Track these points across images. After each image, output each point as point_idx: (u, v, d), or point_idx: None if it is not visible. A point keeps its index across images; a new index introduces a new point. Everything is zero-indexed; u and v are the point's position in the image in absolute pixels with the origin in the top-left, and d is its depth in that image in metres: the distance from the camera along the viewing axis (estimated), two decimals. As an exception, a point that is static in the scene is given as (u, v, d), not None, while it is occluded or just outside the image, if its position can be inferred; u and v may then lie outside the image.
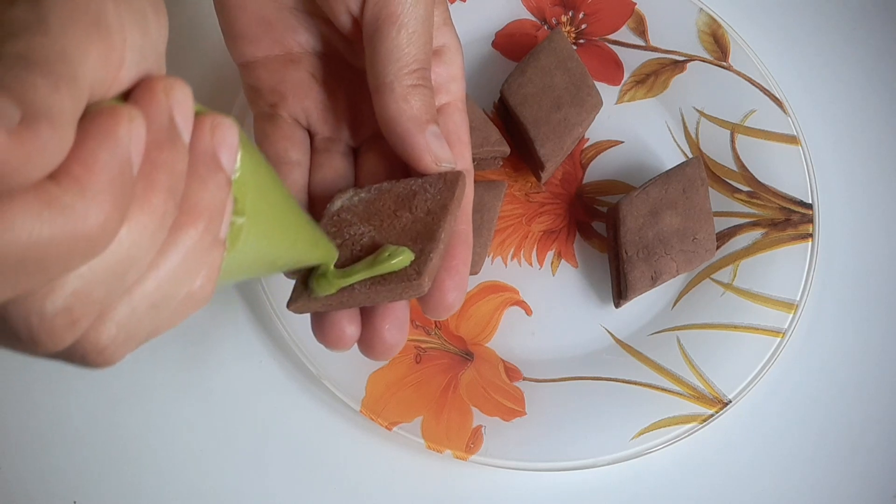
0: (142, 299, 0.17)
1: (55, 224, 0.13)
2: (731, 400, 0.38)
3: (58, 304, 0.15)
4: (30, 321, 0.15)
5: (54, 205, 0.13)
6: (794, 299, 0.39)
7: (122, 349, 0.17)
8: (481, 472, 0.38)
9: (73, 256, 0.14)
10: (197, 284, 0.18)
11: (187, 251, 0.17)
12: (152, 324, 0.18)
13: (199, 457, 0.39)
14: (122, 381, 0.40)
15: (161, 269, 0.17)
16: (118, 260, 0.15)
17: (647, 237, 0.39)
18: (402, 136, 0.27)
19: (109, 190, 0.14)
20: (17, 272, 0.13)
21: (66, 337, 0.15)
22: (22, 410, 0.40)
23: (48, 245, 0.13)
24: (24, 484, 0.39)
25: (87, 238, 0.14)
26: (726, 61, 0.44)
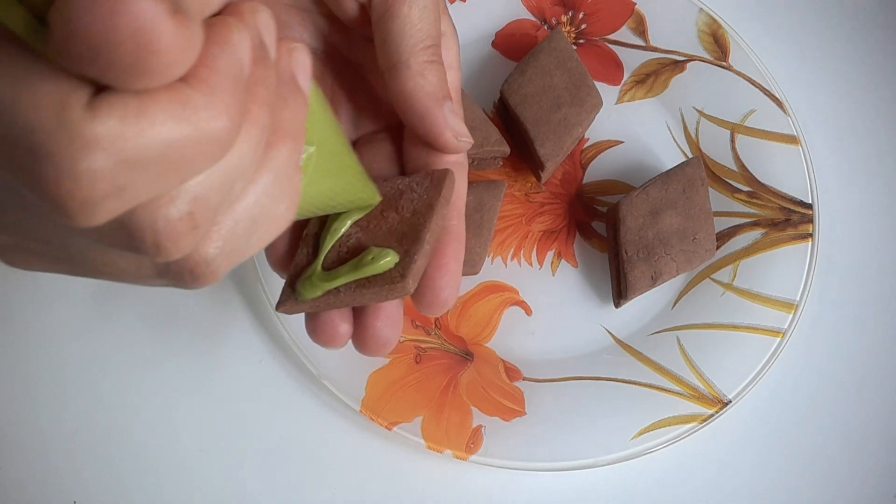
0: (243, 213, 0.17)
1: (189, 125, 0.14)
2: (731, 400, 0.38)
3: (182, 208, 0.15)
4: (156, 225, 0.15)
5: (188, 104, 0.14)
6: (794, 299, 0.39)
7: (225, 264, 0.17)
8: (481, 472, 0.38)
9: (201, 159, 0.14)
10: (282, 208, 0.18)
11: (278, 170, 0.17)
12: (249, 241, 0.18)
13: (199, 457, 0.39)
14: (122, 381, 0.40)
15: (259, 184, 0.17)
16: (230, 168, 0.16)
17: (647, 237, 0.39)
18: (420, 113, 0.26)
19: (233, 94, 0.14)
20: (156, 171, 0.14)
21: (186, 243, 0.16)
22: (22, 410, 0.40)
23: (183, 146, 0.14)
24: (24, 484, 0.39)
25: (215, 140, 0.14)
26: (726, 61, 0.44)
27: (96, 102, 0.13)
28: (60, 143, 0.12)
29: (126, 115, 0.13)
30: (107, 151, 0.13)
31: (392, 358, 0.39)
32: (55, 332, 0.41)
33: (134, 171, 0.13)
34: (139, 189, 0.14)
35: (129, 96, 0.13)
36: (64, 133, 0.12)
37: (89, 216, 0.13)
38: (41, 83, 0.13)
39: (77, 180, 0.13)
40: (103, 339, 0.41)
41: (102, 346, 0.41)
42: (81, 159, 0.13)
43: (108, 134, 0.13)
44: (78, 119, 0.13)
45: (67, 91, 0.13)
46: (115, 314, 0.42)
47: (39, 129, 0.12)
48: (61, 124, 0.12)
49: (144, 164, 0.13)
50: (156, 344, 0.41)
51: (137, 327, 0.41)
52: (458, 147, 0.27)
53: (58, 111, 0.13)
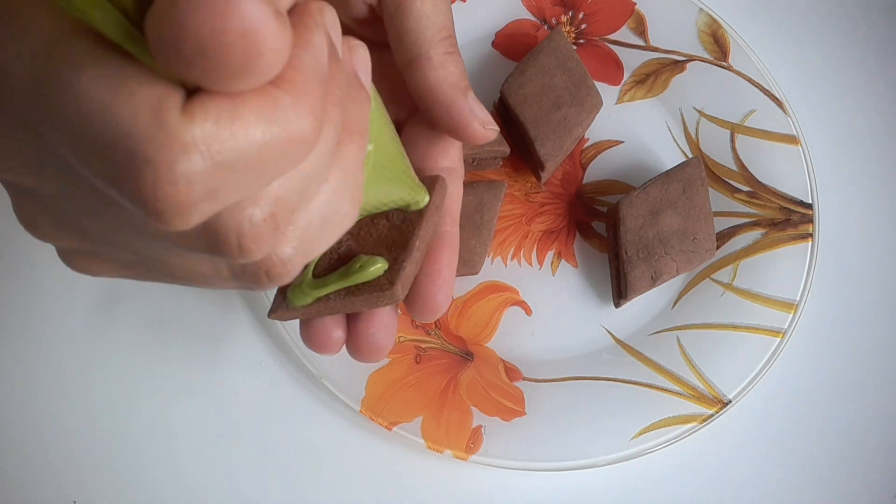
0: (316, 212, 0.17)
1: (279, 126, 0.14)
2: (731, 400, 0.38)
3: (266, 209, 0.15)
4: (241, 228, 0.15)
5: (278, 106, 0.14)
6: (794, 299, 0.39)
7: (300, 263, 0.18)
8: (481, 472, 0.38)
9: (288, 160, 0.14)
10: (348, 206, 0.18)
11: (346, 168, 0.17)
12: (321, 239, 0.18)
13: (199, 457, 0.39)
14: (122, 382, 0.40)
15: (330, 183, 0.17)
16: (309, 168, 0.16)
17: (647, 237, 0.39)
18: (446, 104, 0.26)
19: (317, 95, 0.15)
20: (247, 173, 0.14)
21: (269, 244, 0.16)
22: (22, 410, 0.40)
23: (273, 147, 0.14)
24: (24, 484, 0.39)
25: (303, 141, 0.14)
26: (726, 61, 0.44)
27: (191, 106, 0.13)
28: (158, 147, 0.12)
29: (221, 117, 0.13)
30: (203, 154, 0.13)
31: (392, 358, 0.39)
32: (55, 333, 0.41)
33: (227, 174, 0.13)
34: (231, 191, 0.14)
35: (223, 99, 0.13)
36: (162, 137, 0.12)
37: (184, 219, 0.13)
38: (137, 87, 0.13)
39: (175, 184, 0.13)
40: (104, 340, 0.41)
41: (103, 347, 0.41)
42: (179, 163, 0.13)
43: (204, 137, 0.13)
44: (175, 122, 0.13)
45: (163, 95, 0.13)
46: (116, 316, 0.42)
47: (137, 134, 0.12)
48: (159, 128, 0.12)
49: (237, 166, 0.13)
50: (156, 345, 0.41)
51: (138, 328, 0.41)
52: (485, 136, 0.27)
53: (155, 115, 0.12)
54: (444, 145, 0.29)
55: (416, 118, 0.30)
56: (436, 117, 0.27)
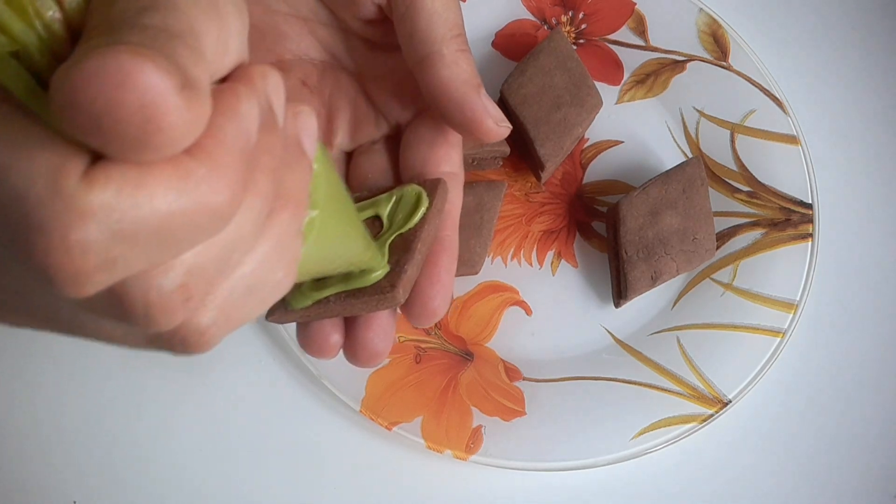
0: (239, 282, 0.17)
1: (189, 198, 0.13)
2: (731, 400, 0.38)
3: (176, 280, 0.15)
4: (148, 297, 0.14)
5: (190, 178, 0.13)
6: (794, 299, 0.39)
7: (220, 333, 0.17)
8: (481, 472, 0.38)
9: (200, 231, 0.14)
10: (280, 275, 0.18)
11: (278, 237, 0.17)
12: (244, 309, 0.18)
13: (199, 457, 0.39)
14: (122, 382, 0.40)
15: (257, 252, 0.17)
16: (229, 239, 0.15)
17: (647, 237, 0.39)
18: (459, 101, 0.26)
19: (238, 166, 0.14)
20: (150, 244, 0.13)
21: (179, 315, 0.15)
22: (22, 410, 0.40)
23: (181, 219, 0.13)
24: (24, 484, 0.39)
25: (216, 213, 0.14)
26: (726, 61, 0.44)
27: (93, 172, 0.12)
28: (53, 213, 0.12)
29: (123, 186, 0.12)
30: (101, 224, 0.12)
31: (392, 358, 0.39)
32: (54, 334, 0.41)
33: (128, 244, 0.13)
34: (132, 261, 0.13)
35: (128, 167, 0.13)
36: (57, 203, 0.12)
37: (79, 288, 0.13)
38: (37, 149, 0.12)
39: (67, 252, 0.12)
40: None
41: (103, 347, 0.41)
42: (73, 231, 0.12)
43: (102, 206, 0.12)
44: (73, 189, 0.12)
45: (64, 159, 0.12)
46: (115, 314, 0.42)
47: (32, 197, 0.12)
48: (55, 193, 0.12)
49: (140, 236, 0.13)
50: (156, 344, 0.41)
51: (137, 327, 0.41)
52: (498, 133, 0.27)
53: (52, 179, 0.12)
54: (446, 150, 0.29)
55: (417, 122, 0.29)
56: (448, 115, 0.27)
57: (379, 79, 0.30)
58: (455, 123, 0.27)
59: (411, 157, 0.28)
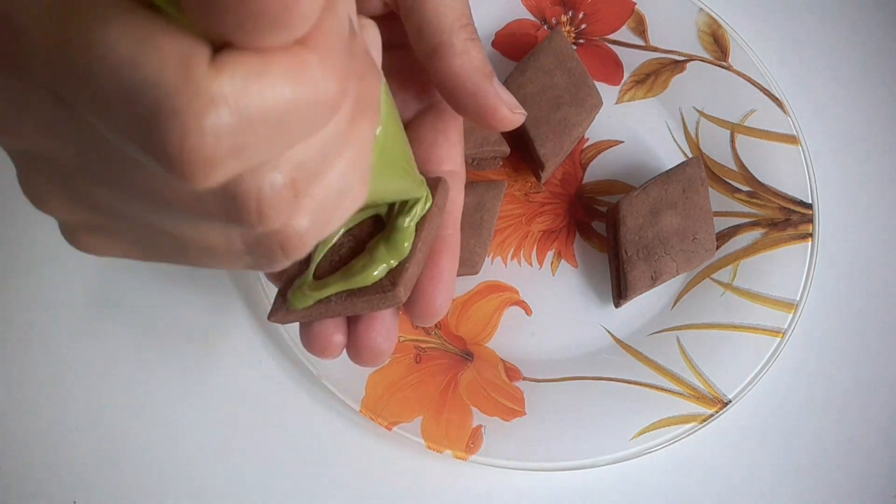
0: (332, 184, 0.17)
1: (307, 86, 0.14)
2: (730, 400, 0.38)
3: (286, 175, 0.15)
4: (261, 192, 0.15)
5: (306, 66, 0.14)
6: (794, 299, 0.39)
7: (314, 236, 0.17)
8: (481, 472, 0.38)
9: (312, 122, 0.14)
10: (357, 186, 0.18)
11: (359, 143, 0.17)
12: (333, 215, 0.18)
13: (198, 457, 0.39)
14: (122, 382, 0.40)
15: (344, 156, 0.17)
16: (328, 136, 0.15)
17: (647, 237, 0.39)
18: (472, 90, 0.26)
19: (342, 59, 0.14)
20: (272, 133, 0.13)
21: (287, 211, 0.15)
22: (22, 410, 0.40)
23: (300, 107, 0.14)
24: (24, 484, 0.39)
25: (328, 103, 0.14)
26: (726, 61, 0.44)
27: (220, 60, 0.13)
28: (186, 99, 0.12)
29: (249, 73, 0.13)
30: (231, 109, 0.13)
31: (392, 358, 0.39)
32: (55, 333, 0.41)
33: (254, 131, 0.13)
34: (256, 150, 0.14)
35: (252, 55, 0.13)
36: (190, 89, 0.12)
37: (208, 175, 0.13)
38: (164, 40, 0.12)
39: (202, 136, 0.13)
40: (103, 340, 0.41)
41: (102, 347, 0.41)
42: (207, 116, 0.12)
43: (233, 91, 0.13)
44: (203, 75, 0.12)
45: (191, 48, 0.13)
46: (115, 316, 0.42)
47: (164, 85, 0.12)
48: (187, 80, 0.12)
49: (264, 123, 0.13)
50: (155, 344, 0.41)
51: (137, 328, 0.41)
52: (513, 120, 0.27)
53: (183, 67, 0.12)
54: (448, 148, 0.29)
55: (418, 121, 0.29)
56: (462, 104, 0.27)
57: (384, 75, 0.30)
58: (469, 112, 0.27)
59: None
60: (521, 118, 0.27)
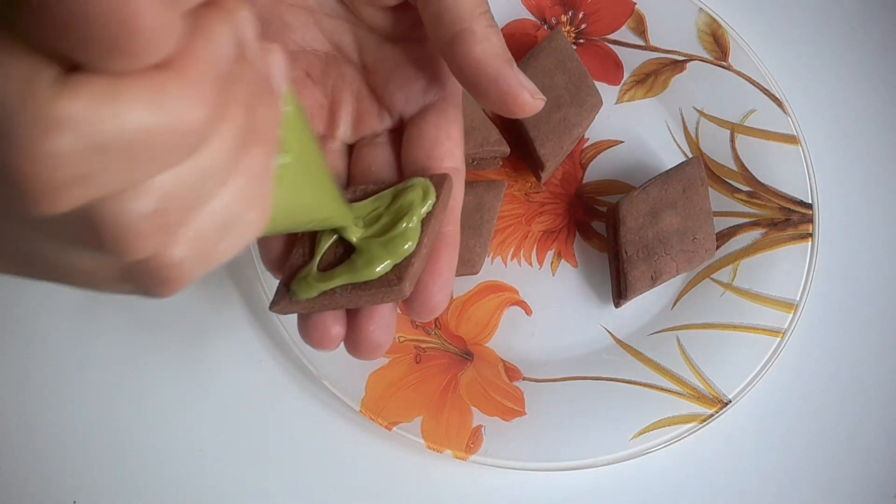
0: (213, 215, 0.16)
1: (163, 113, 0.13)
2: (730, 400, 0.38)
3: (150, 204, 0.14)
4: (119, 220, 0.14)
5: (164, 92, 0.13)
6: (793, 299, 0.39)
7: (194, 269, 0.17)
8: (481, 472, 0.38)
9: (173, 151, 0.14)
10: (253, 215, 0.17)
11: (251, 173, 0.17)
12: (218, 246, 0.17)
13: (198, 457, 0.39)
14: (121, 382, 0.40)
15: (231, 186, 0.16)
16: (204, 165, 0.15)
17: (647, 237, 0.39)
18: (494, 76, 0.26)
19: (211, 87, 0.14)
20: (125, 160, 0.13)
21: (152, 242, 0.15)
22: (22, 410, 0.40)
23: (155, 134, 0.13)
24: (24, 484, 0.39)
25: (189, 132, 0.14)
26: (726, 61, 0.44)
27: (66, 81, 0.12)
28: (24, 122, 0.12)
29: (97, 96, 0.12)
30: (74, 134, 0.12)
31: (392, 358, 0.39)
32: (55, 333, 0.41)
33: (102, 158, 0.13)
34: (106, 178, 0.13)
35: (102, 78, 0.12)
36: (29, 111, 0.12)
37: (52, 202, 0.13)
38: (6, 59, 0.12)
39: (40, 162, 0.12)
40: (103, 340, 0.41)
41: (102, 347, 0.41)
42: (46, 140, 0.12)
43: (76, 115, 0.12)
44: (45, 97, 0.12)
45: (35, 67, 0.12)
46: (115, 315, 0.42)
47: (3, 106, 0.12)
48: (26, 101, 0.12)
49: (113, 150, 0.13)
50: (155, 344, 0.41)
51: (137, 328, 0.41)
52: (534, 106, 0.26)
53: (23, 88, 0.12)
54: (450, 146, 0.29)
55: (420, 118, 0.29)
56: (484, 91, 0.26)
57: (384, 71, 0.30)
58: (491, 99, 0.26)
59: (414, 152, 0.29)
60: (542, 103, 0.27)
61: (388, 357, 0.39)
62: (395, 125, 0.30)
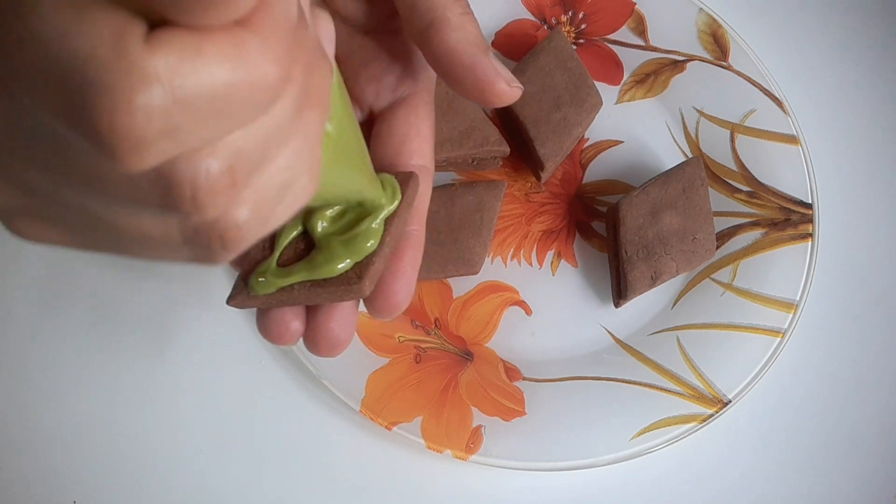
0: (274, 176, 0.16)
1: (245, 68, 0.13)
2: (730, 400, 0.38)
3: (223, 162, 0.14)
4: (197, 177, 0.14)
5: (245, 48, 0.13)
6: (793, 299, 0.39)
7: (254, 230, 0.17)
8: (481, 472, 0.38)
9: (251, 107, 0.14)
10: (305, 179, 0.18)
11: (306, 135, 0.17)
12: (276, 208, 0.17)
13: (198, 457, 0.39)
14: (121, 382, 0.40)
15: (289, 147, 0.17)
16: (270, 124, 0.15)
17: (646, 237, 0.39)
18: (469, 64, 0.26)
19: (285, 45, 0.14)
20: (207, 115, 0.13)
21: (223, 200, 0.15)
22: (22, 410, 0.40)
23: (237, 89, 0.13)
24: (24, 484, 0.39)
25: (267, 88, 0.14)
26: (726, 61, 0.44)
27: (154, 37, 0.12)
28: (118, 76, 0.12)
29: (185, 51, 0.12)
30: (164, 88, 0.12)
31: (392, 358, 0.39)
32: (55, 333, 0.41)
33: (188, 112, 0.13)
34: (190, 133, 0.13)
35: (188, 33, 0.13)
36: (122, 65, 0.12)
37: (140, 157, 0.13)
38: (98, 14, 0.12)
39: (133, 115, 0.12)
40: (103, 340, 0.41)
41: (102, 347, 0.41)
42: (139, 93, 0.12)
43: (166, 69, 0.12)
44: (136, 52, 0.12)
45: (125, 23, 0.12)
46: (115, 316, 0.42)
47: (96, 60, 0.12)
48: (120, 56, 0.12)
49: (199, 105, 0.13)
50: (155, 344, 0.41)
51: (137, 328, 0.41)
52: (511, 94, 0.26)
53: (116, 43, 0.12)
54: (419, 143, 0.28)
55: (390, 113, 0.29)
56: (459, 80, 0.26)
57: (355, 64, 0.29)
58: (466, 87, 0.26)
59: (382, 148, 0.28)
60: (519, 92, 0.26)
61: (388, 357, 0.39)
62: (364, 119, 0.30)
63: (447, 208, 0.40)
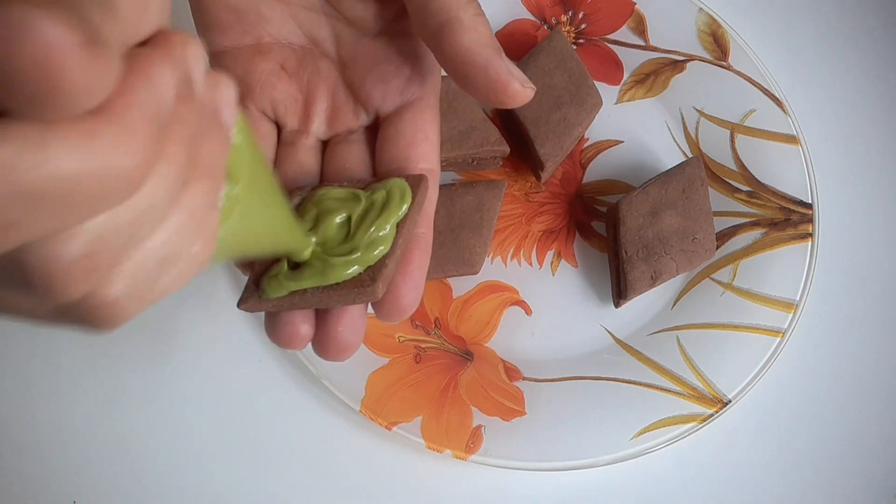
0: (150, 254, 0.16)
1: (96, 159, 0.13)
2: (730, 400, 0.38)
3: (79, 248, 0.14)
4: (48, 265, 0.14)
5: (97, 138, 0.13)
6: (793, 299, 0.39)
7: (131, 306, 0.16)
8: (481, 472, 0.38)
9: (106, 196, 0.13)
10: (197, 248, 0.17)
11: (192, 209, 0.17)
12: (157, 283, 0.17)
13: (198, 457, 0.39)
14: (121, 382, 0.40)
15: (169, 223, 0.16)
16: (140, 208, 0.15)
17: (646, 237, 0.39)
18: (483, 65, 0.26)
19: (149, 131, 0.14)
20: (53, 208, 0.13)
21: (82, 285, 0.15)
22: (22, 410, 0.40)
23: (86, 182, 0.13)
24: (24, 484, 0.39)
25: (123, 178, 0.13)
26: (726, 61, 0.44)
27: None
28: None
29: (25, 144, 0.12)
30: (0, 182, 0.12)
31: (392, 358, 0.39)
32: (55, 333, 0.41)
33: (29, 205, 0.12)
34: (33, 225, 0.13)
35: (31, 125, 0.12)
36: None
37: None
38: None
39: None
40: (103, 340, 0.41)
41: (102, 346, 0.41)
42: None
43: (2, 163, 0.12)
44: None
45: None
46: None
47: None
48: None
49: (42, 198, 0.12)
50: (155, 344, 0.41)
51: (137, 328, 0.41)
52: (524, 95, 0.26)
53: None
54: (427, 147, 0.28)
55: (396, 117, 0.29)
56: (472, 81, 0.26)
57: (362, 67, 0.29)
58: (480, 89, 0.26)
59: (390, 152, 0.28)
60: (532, 93, 0.26)
61: (388, 357, 0.39)
62: (371, 122, 0.30)
63: (447, 208, 0.40)
